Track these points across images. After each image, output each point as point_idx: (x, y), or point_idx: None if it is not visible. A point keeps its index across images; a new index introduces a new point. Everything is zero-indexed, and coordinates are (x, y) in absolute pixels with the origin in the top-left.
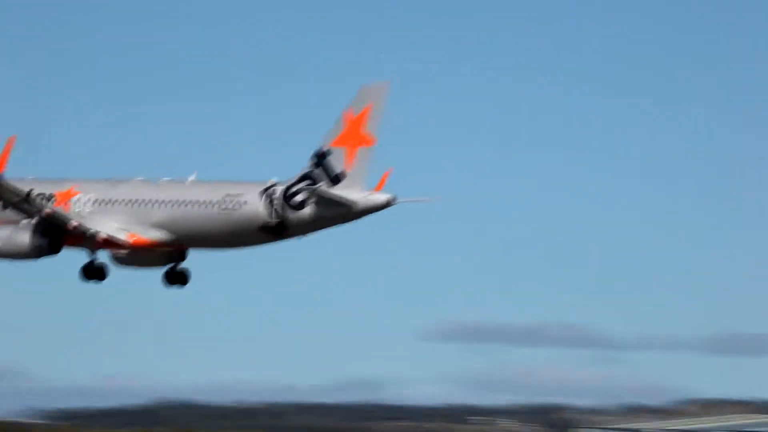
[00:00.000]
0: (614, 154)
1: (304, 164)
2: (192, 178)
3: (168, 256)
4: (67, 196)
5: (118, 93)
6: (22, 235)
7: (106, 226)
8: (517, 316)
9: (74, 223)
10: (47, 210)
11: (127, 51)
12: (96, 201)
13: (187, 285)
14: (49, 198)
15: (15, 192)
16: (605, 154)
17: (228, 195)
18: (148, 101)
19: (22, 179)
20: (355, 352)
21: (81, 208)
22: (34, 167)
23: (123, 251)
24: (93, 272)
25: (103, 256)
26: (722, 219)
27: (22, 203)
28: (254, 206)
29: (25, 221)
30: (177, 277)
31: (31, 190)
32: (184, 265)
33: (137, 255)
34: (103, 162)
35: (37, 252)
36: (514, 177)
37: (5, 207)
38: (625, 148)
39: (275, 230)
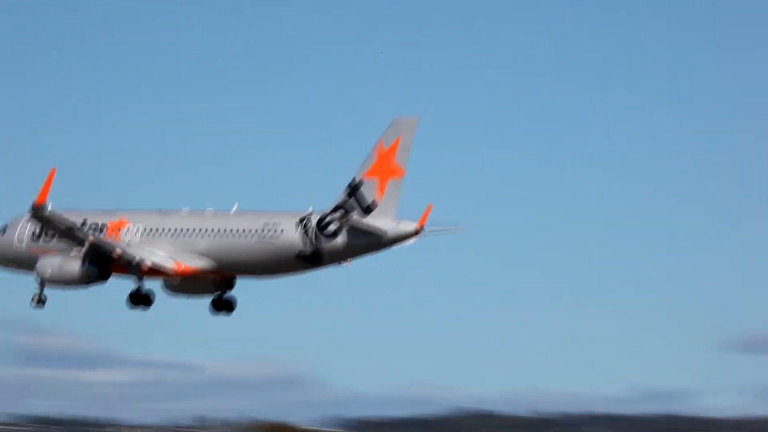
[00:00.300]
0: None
1: (338, 194)
2: (234, 208)
3: (216, 284)
4: (119, 226)
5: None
6: (72, 264)
7: (151, 255)
8: None
9: (118, 251)
10: (90, 239)
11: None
12: (145, 231)
13: (234, 312)
14: (101, 228)
15: (61, 222)
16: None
17: (266, 224)
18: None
19: (78, 210)
20: (648, 361)
21: (131, 237)
22: (89, 199)
23: (174, 279)
24: (139, 299)
25: (153, 285)
26: None
27: (69, 232)
28: (290, 235)
29: (74, 250)
30: (223, 305)
31: (85, 219)
32: (232, 292)
33: (187, 283)
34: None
35: (86, 279)
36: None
37: (54, 236)
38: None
39: (310, 258)
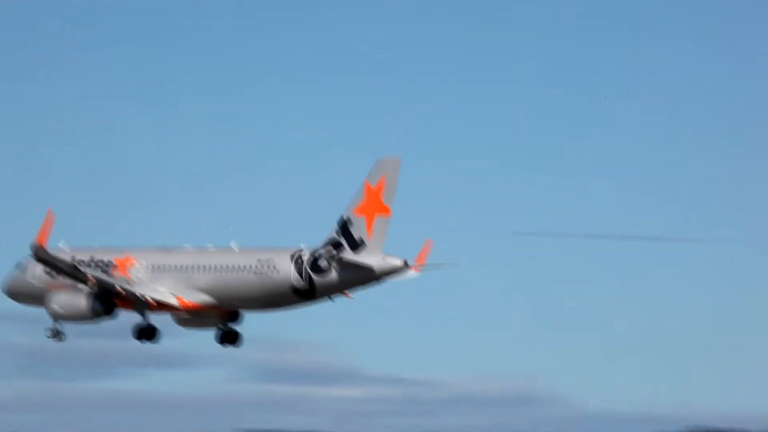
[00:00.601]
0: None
1: (329, 231)
2: (233, 245)
3: (222, 318)
4: (125, 263)
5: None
6: (80, 300)
7: (153, 291)
8: None
9: (119, 288)
10: (90, 278)
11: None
12: (149, 267)
13: (240, 345)
14: (108, 265)
15: (61, 261)
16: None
17: (260, 260)
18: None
19: (87, 247)
20: None
21: (136, 274)
22: (99, 236)
23: (181, 314)
24: (143, 333)
25: (162, 319)
26: None
27: (70, 271)
28: (285, 270)
29: (82, 287)
30: (229, 337)
31: (92, 257)
32: (236, 326)
33: (196, 317)
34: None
35: (93, 315)
36: None
37: (57, 275)
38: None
39: (304, 293)
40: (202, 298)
